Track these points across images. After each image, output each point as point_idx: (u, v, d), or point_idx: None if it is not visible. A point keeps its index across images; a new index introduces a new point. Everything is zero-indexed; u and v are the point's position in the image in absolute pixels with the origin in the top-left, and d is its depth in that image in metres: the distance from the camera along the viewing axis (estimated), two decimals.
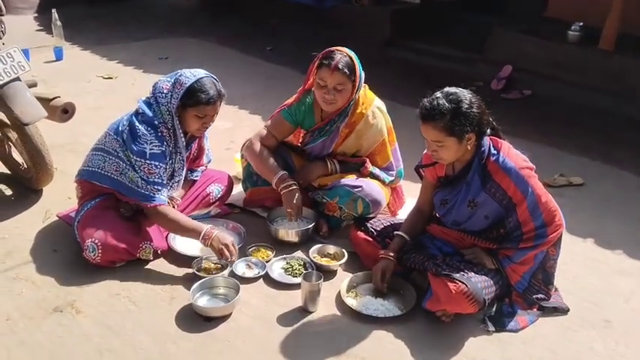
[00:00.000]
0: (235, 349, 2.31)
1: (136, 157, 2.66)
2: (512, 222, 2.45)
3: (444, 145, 2.37)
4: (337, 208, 3.00)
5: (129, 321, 2.43)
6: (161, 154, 2.71)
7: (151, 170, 2.68)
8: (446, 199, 2.63)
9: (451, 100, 2.34)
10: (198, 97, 2.66)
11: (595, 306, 2.65)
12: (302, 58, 6.26)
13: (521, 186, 2.38)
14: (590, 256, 3.05)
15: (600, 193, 3.71)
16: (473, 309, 2.35)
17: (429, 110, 2.34)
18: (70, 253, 2.82)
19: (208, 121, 2.77)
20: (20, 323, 2.41)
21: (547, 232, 2.42)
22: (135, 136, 2.68)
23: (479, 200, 2.48)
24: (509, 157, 2.41)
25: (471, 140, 2.39)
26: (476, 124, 2.36)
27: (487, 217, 2.51)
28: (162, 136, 2.72)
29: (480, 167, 2.45)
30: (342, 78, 2.81)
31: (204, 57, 6.29)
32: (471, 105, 2.34)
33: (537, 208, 2.40)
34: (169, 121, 2.72)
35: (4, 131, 3.26)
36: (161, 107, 2.71)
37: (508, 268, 2.50)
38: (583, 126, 4.79)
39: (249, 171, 3.21)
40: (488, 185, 2.43)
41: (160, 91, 2.72)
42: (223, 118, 4.65)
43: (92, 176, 2.81)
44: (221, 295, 2.59)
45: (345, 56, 2.84)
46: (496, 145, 2.44)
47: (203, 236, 2.68)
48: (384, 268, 2.59)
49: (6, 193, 3.42)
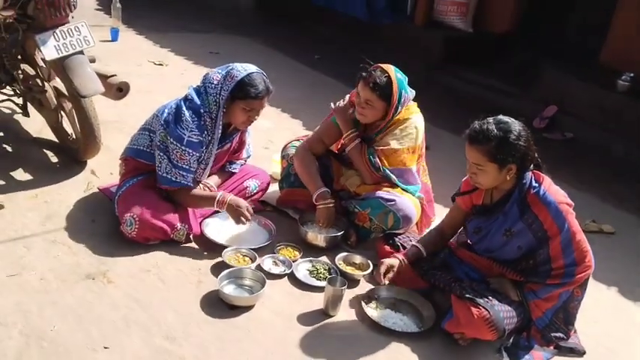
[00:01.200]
0: (254, 340, 2.37)
1: (172, 139, 2.77)
2: (542, 255, 2.47)
3: (484, 169, 2.42)
4: (368, 220, 3.05)
5: (156, 297, 2.52)
6: (198, 143, 2.80)
7: (182, 156, 2.78)
8: (480, 227, 2.66)
9: (501, 127, 2.38)
10: (247, 91, 2.76)
11: (611, 353, 2.65)
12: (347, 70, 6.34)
13: (558, 220, 2.40)
14: (612, 304, 3.04)
15: (630, 244, 3.69)
16: (492, 336, 2.38)
17: (477, 133, 2.40)
18: (107, 225, 2.93)
19: (254, 115, 2.86)
20: (53, 284, 2.51)
21: (575, 272, 2.44)
22: (178, 120, 2.78)
23: (515, 230, 2.51)
24: (550, 191, 2.44)
25: (511, 171, 2.43)
26: (520, 156, 2.40)
27: (520, 248, 2.53)
28: (205, 125, 2.82)
29: (519, 198, 2.48)
30: (371, 95, 2.90)
31: (253, 56, 6.36)
32: (519, 137, 2.38)
33: (570, 245, 2.42)
34: (214, 112, 2.81)
35: (59, 101, 3.39)
36: (209, 97, 2.81)
37: (532, 303, 2.52)
38: (621, 177, 4.75)
39: (288, 171, 3.29)
40: (526, 216, 2.46)
41: (210, 82, 2.82)
42: (265, 117, 4.74)
43: (138, 154, 2.92)
44: (247, 286, 2.66)
45: (383, 75, 2.91)
46: (538, 178, 2.48)
47: (217, 201, 2.82)
48: (390, 264, 2.65)
49: (52, 161, 3.55)
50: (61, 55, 2.98)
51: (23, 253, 2.67)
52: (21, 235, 2.79)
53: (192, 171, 2.84)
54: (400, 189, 3.07)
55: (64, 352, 2.16)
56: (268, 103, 5.03)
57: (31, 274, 2.54)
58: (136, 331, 2.31)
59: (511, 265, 2.58)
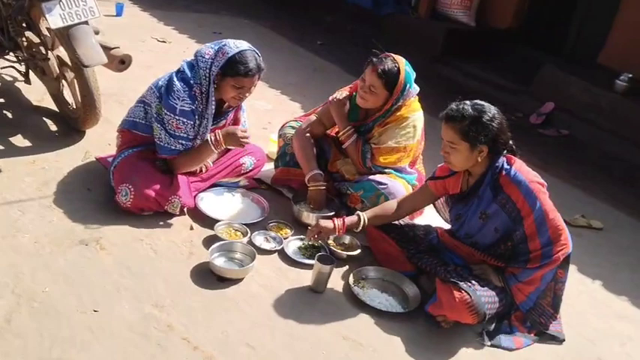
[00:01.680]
0: (241, 311, 2.42)
1: (166, 110, 2.81)
2: (519, 235, 2.52)
3: (457, 148, 2.48)
4: (360, 201, 3.09)
5: (148, 266, 2.56)
6: (190, 112, 2.83)
7: (178, 126, 2.82)
8: (459, 214, 2.72)
9: (476, 108, 2.46)
10: (237, 68, 2.78)
11: (591, 343, 2.71)
12: (349, 57, 6.39)
13: (529, 199, 2.46)
14: (595, 297, 3.10)
15: (617, 241, 3.74)
16: (472, 320, 2.43)
17: (453, 112, 2.48)
18: (102, 195, 2.97)
19: (244, 92, 2.88)
20: (47, 248, 2.55)
21: (553, 251, 2.48)
22: (170, 91, 2.81)
23: (490, 212, 2.56)
24: (521, 171, 2.50)
25: (482, 153, 2.48)
26: (491, 137, 2.46)
27: (497, 230, 2.58)
28: (195, 95, 2.84)
29: (492, 181, 2.54)
30: (376, 81, 2.93)
31: (255, 39, 6.35)
32: (492, 119, 2.45)
33: (544, 224, 2.47)
34: (205, 86, 2.84)
35: (62, 70, 3.41)
36: (200, 71, 2.83)
37: (514, 287, 2.57)
38: (613, 175, 4.80)
39: (284, 150, 3.33)
40: (499, 197, 2.52)
41: (201, 56, 2.84)
42: (264, 99, 4.82)
43: (134, 126, 2.96)
44: (237, 259, 2.71)
45: (393, 66, 2.94)
46: (509, 160, 2.53)
47: (212, 143, 2.88)
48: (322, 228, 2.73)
49: (51, 129, 3.58)
50: (66, 24, 3.00)
51: (18, 216, 2.71)
52: (17, 198, 2.83)
53: (190, 139, 2.88)
54: (393, 175, 3.12)
55: (54, 313, 2.21)
56: (268, 86, 5.16)
57: (25, 237, 2.58)
58: (126, 297, 2.36)
59: (491, 250, 2.63)
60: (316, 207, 3.11)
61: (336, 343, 2.37)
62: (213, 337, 2.26)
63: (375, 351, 2.37)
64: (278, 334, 2.34)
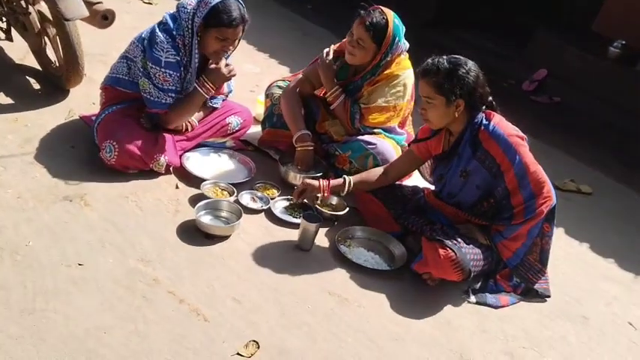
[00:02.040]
0: (227, 267, 2.41)
1: (151, 64, 2.75)
2: (500, 191, 2.51)
3: (433, 103, 2.46)
4: (348, 162, 3.07)
5: (133, 222, 2.54)
6: (176, 64, 2.77)
7: (165, 78, 2.77)
8: (442, 174, 2.71)
9: (451, 61, 2.44)
10: (220, 18, 2.70)
11: (576, 302, 2.73)
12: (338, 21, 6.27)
13: (508, 153, 2.44)
14: (582, 259, 3.12)
15: (605, 205, 3.76)
16: (457, 277, 2.44)
17: (428, 65, 2.46)
18: (87, 152, 2.92)
19: (228, 45, 2.81)
20: (30, 203, 2.51)
21: (536, 204, 2.47)
22: (153, 43, 2.75)
23: (470, 168, 2.55)
24: (499, 125, 2.48)
25: (459, 107, 2.46)
26: (467, 91, 2.43)
27: (478, 187, 2.57)
28: (178, 46, 2.78)
29: (471, 137, 2.53)
30: (363, 34, 2.87)
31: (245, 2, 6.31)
32: (468, 72, 2.42)
33: (525, 177, 2.46)
34: (188, 37, 2.77)
35: (44, 26, 3.32)
36: (182, 22, 2.76)
37: (500, 244, 2.58)
38: (604, 141, 4.80)
39: (271, 111, 3.28)
40: (479, 153, 2.51)
41: (183, 7, 2.77)
42: (253, 62, 4.76)
43: (117, 82, 2.91)
44: (223, 217, 2.69)
45: (382, 18, 2.88)
46: (488, 116, 2.51)
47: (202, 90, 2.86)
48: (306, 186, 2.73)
49: (34, 87, 3.51)
50: None
51: (0, 172, 2.66)
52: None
53: (178, 91, 2.83)
54: (382, 135, 3.09)
55: (38, 266, 2.18)
56: (256, 49, 5.07)
57: (8, 192, 2.54)
58: (111, 252, 2.34)
59: (474, 209, 2.63)
60: (304, 167, 3.08)
61: (322, 298, 2.37)
62: (199, 291, 2.25)
63: (361, 306, 2.37)
64: (264, 289, 2.34)
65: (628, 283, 2.98)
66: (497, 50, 6.11)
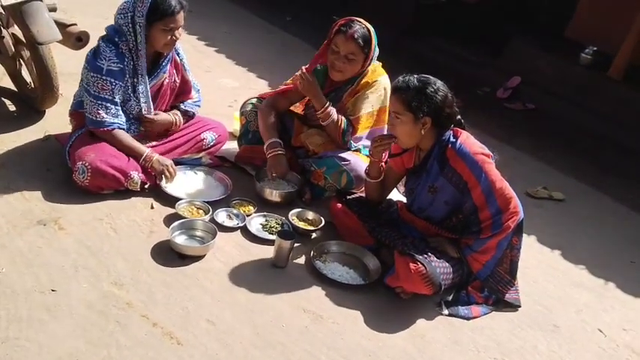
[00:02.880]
0: (202, 287, 2.44)
1: (92, 73, 2.80)
2: (468, 207, 2.57)
3: (401, 119, 2.54)
4: (323, 178, 3.10)
5: (107, 245, 2.55)
6: (119, 72, 2.82)
7: (104, 86, 2.80)
8: (412, 188, 2.78)
9: (420, 80, 2.53)
10: (162, 10, 2.77)
11: (547, 310, 2.78)
12: (318, 33, 6.33)
13: (474, 170, 2.51)
14: (553, 266, 3.17)
15: (578, 211, 3.82)
16: (428, 290, 2.48)
17: (399, 83, 2.55)
18: (63, 175, 2.93)
19: (174, 33, 2.86)
20: (4, 228, 2.52)
21: (502, 220, 2.53)
22: (96, 54, 2.82)
23: (437, 185, 2.62)
24: (465, 143, 2.55)
25: (426, 125, 2.53)
26: (434, 109, 2.51)
27: (447, 203, 2.64)
28: (122, 53, 2.83)
29: (439, 154, 2.59)
30: (355, 48, 2.91)
31: (224, 16, 6.37)
32: (436, 91, 2.51)
33: (492, 194, 2.52)
34: (132, 41, 2.82)
35: (18, 49, 3.35)
36: (122, 28, 2.82)
37: (469, 257, 2.62)
38: (577, 147, 4.89)
39: (247, 128, 3.32)
40: (445, 170, 2.58)
41: (120, 13, 2.83)
42: (231, 77, 4.79)
43: (81, 106, 2.95)
44: (198, 237, 2.71)
45: (363, 28, 2.93)
46: (456, 134, 2.58)
47: (144, 158, 2.88)
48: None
49: (9, 109, 3.52)
50: (18, 0, 2.93)
51: None
52: None
53: (114, 102, 2.84)
54: (361, 154, 3.12)
55: (11, 293, 2.20)
56: (235, 63, 5.11)
57: None
58: (85, 277, 2.36)
59: (444, 224, 2.69)
60: (277, 173, 3.08)
61: (297, 316, 2.40)
62: (173, 313, 2.27)
63: (335, 322, 2.41)
64: (238, 309, 2.37)
65: (598, 290, 3.04)
66: (472, 58, 6.19)
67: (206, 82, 4.54)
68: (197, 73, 4.63)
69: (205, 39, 5.54)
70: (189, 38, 5.49)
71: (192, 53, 5.14)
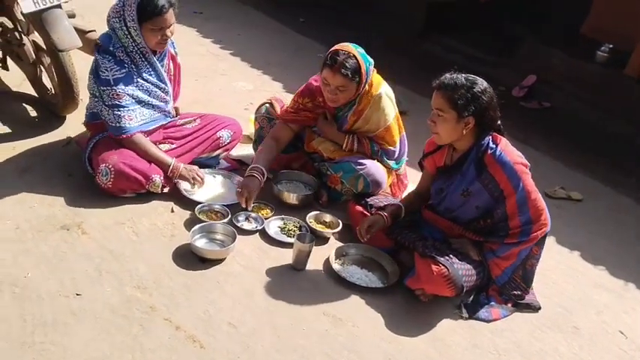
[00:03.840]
0: (223, 291, 2.46)
1: (102, 87, 2.83)
2: (499, 214, 2.57)
3: (444, 117, 2.51)
4: (339, 182, 3.11)
5: (129, 249, 2.59)
6: (126, 77, 2.86)
7: (118, 94, 2.84)
8: (441, 188, 2.75)
9: (468, 79, 2.50)
10: (149, 11, 2.78)
11: (567, 312, 2.77)
12: (331, 35, 6.35)
13: (513, 180, 2.50)
14: (572, 267, 3.16)
15: (596, 211, 3.80)
16: (450, 292, 2.49)
17: (446, 80, 2.51)
18: (84, 179, 2.98)
19: (165, 32, 2.86)
20: (28, 234, 2.57)
21: (532, 230, 2.54)
22: (97, 68, 2.85)
23: (472, 190, 2.60)
24: (506, 151, 2.53)
25: (468, 125, 2.51)
26: (479, 110, 2.48)
27: (478, 208, 2.63)
28: (121, 60, 2.86)
29: (476, 159, 2.57)
30: (343, 80, 2.86)
31: (237, 18, 6.39)
32: (483, 92, 2.48)
33: (525, 204, 2.52)
34: (130, 44, 2.85)
35: (38, 55, 3.39)
36: (117, 32, 2.85)
37: (491, 262, 2.63)
38: (592, 146, 4.84)
39: (260, 134, 3.35)
40: (483, 176, 2.56)
41: (112, 18, 2.86)
42: (246, 80, 4.81)
43: (94, 117, 3.01)
44: (218, 240, 2.74)
45: (349, 57, 2.86)
46: (495, 139, 2.56)
47: (172, 170, 2.90)
48: (372, 221, 2.74)
49: (31, 115, 3.58)
50: (38, 8, 2.97)
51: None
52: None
53: (130, 108, 2.87)
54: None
55: (37, 298, 2.24)
56: (250, 65, 5.14)
57: (7, 224, 2.60)
58: (108, 280, 2.39)
59: (470, 225, 2.68)
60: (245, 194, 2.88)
61: (317, 319, 2.42)
62: (195, 317, 2.30)
63: (355, 326, 2.42)
64: (259, 312, 2.39)
65: (619, 291, 3.02)
66: (486, 58, 6.14)
67: (222, 85, 4.62)
68: (213, 76, 4.74)
69: (219, 42, 5.57)
70: (204, 41, 5.53)
71: (208, 56, 5.21)
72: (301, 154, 3.31)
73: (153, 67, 2.96)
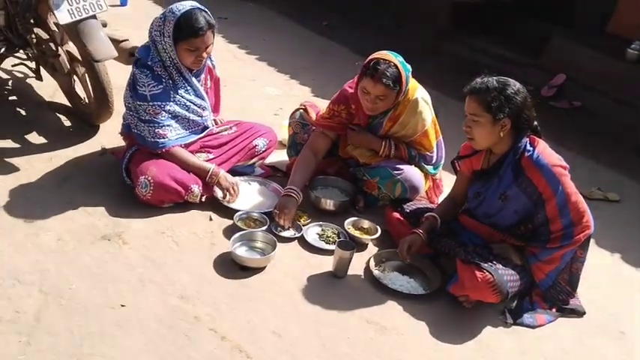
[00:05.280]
0: (265, 300, 2.46)
1: (139, 102, 2.83)
2: (540, 218, 2.53)
3: (479, 121, 2.48)
4: (376, 188, 3.09)
5: (170, 258, 2.59)
6: (162, 93, 2.84)
7: (155, 111, 2.83)
8: (479, 192, 2.72)
9: (500, 81, 2.48)
10: (186, 31, 2.76)
11: (612, 317, 2.72)
12: (356, 37, 6.35)
13: (552, 183, 2.46)
14: (614, 271, 3.10)
15: (635, 213, 3.73)
16: (495, 299, 2.45)
17: (477, 84, 2.50)
18: (122, 189, 2.99)
19: (201, 53, 2.84)
20: (70, 245, 2.58)
21: (574, 233, 2.50)
22: (135, 83, 2.84)
23: (510, 194, 2.57)
24: (543, 154, 2.50)
25: (505, 127, 2.48)
26: (514, 111, 2.45)
27: (516, 212, 2.59)
28: (159, 75, 2.85)
29: (514, 162, 2.54)
30: (384, 90, 2.83)
31: (261, 23, 6.40)
32: (517, 92, 2.45)
33: (566, 207, 2.49)
34: (167, 58, 2.85)
35: (72, 65, 3.42)
36: (157, 46, 2.84)
37: (534, 266, 2.59)
38: (626, 145, 4.77)
39: (294, 140, 3.35)
40: (520, 180, 2.53)
41: (154, 30, 2.86)
42: (274, 84, 4.82)
43: (128, 128, 3.01)
44: (258, 248, 2.73)
45: (390, 66, 2.83)
46: (533, 142, 2.53)
47: (210, 175, 2.90)
48: (411, 241, 2.70)
49: (65, 125, 3.61)
50: (74, 19, 3.00)
51: (40, 214, 2.74)
52: (37, 196, 2.86)
53: (165, 124, 2.87)
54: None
55: (83, 309, 2.25)
56: (276, 70, 5.14)
57: (48, 235, 2.62)
58: (152, 291, 2.40)
59: (511, 231, 2.65)
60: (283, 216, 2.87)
61: (361, 327, 2.40)
62: (240, 326, 2.29)
63: (400, 334, 2.40)
64: (302, 321, 2.38)
65: None
66: (513, 57, 6.08)
67: (251, 91, 4.63)
68: (241, 82, 4.75)
69: (245, 47, 5.58)
70: (230, 47, 5.55)
71: (234, 62, 5.22)
72: (336, 159, 3.30)
73: (189, 84, 2.96)
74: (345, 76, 3.25)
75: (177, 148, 2.91)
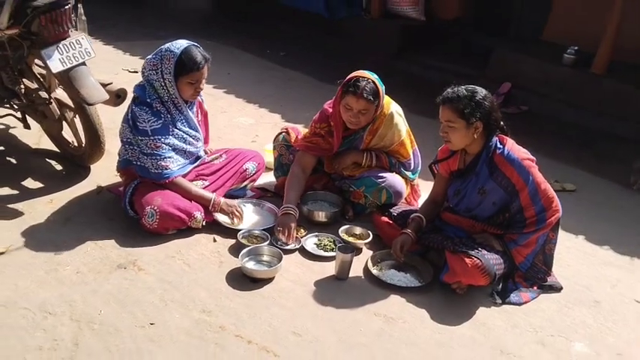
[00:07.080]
0: (280, 305, 2.67)
1: (140, 137, 3.04)
2: (515, 207, 2.86)
3: (454, 126, 2.79)
4: (363, 196, 3.36)
5: (185, 278, 2.78)
6: (162, 128, 3.07)
7: (157, 144, 3.05)
8: (458, 190, 3.03)
9: (468, 89, 2.79)
10: (188, 67, 3.03)
11: (586, 289, 3.05)
12: (314, 65, 6.69)
13: (523, 175, 2.80)
14: (581, 250, 3.45)
15: (590, 199, 4.12)
16: (485, 281, 2.74)
17: (449, 94, 2.80)
18: (125, 222, 3.16)
19: (199, 85, 3.13)
20: (90, 276, 2.74)
21: (546, 217, 2.83)
22: (135, 119, 3.06)
23: (487, 188, 2.88)
24: (513, 150, 2.83)
25: (478, 130, 2.80)
26: (485, 114, 2.77)
27: (495, 204, 2.91)
28: (158, 111, 3.08)
29: (487, 159, 2.86)
30: (366, 104, 3.13)
31: (223, 59, 6.62)
32: (485, 98, 2.78)
33: (537, 194, 2.81)
34: (165, 95, 3.08)
35: (62, 111, 3.58)
36: (154, 84, 3.08)
37: (514, 250, 2.90)
38: (574, 141, 5.22)
39: (280, 162, 3.60)
40: (495, 174, 2.85)
41: (150, 70, 3.09)
42: (246, 115, 5.06)
43: (129, 163, 3.19)
44: (265, 261, 2.95)
45: (369, 82, 3.14)
46: (502, 140, 2.86)
47: (213, 204, 3.13)
48: (402, 241, 2.97)
49: (57, 168, 3.75)
50: (66, 67, 3.17)
51: (54, 251, 2.88)
52: (46, 236, 3.00)
53: (167, 156, 3.08)
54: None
55: (115, 331, 2.41)
56: (245, 101, 5.38)
57: (67, 269, 2.77)
58: (175, 308, 2.58)
59: (490, 221, 2.96)
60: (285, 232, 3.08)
61: (370, 320, 2.64)
62: (262, 330, 2.50)
63: (405, 322, 2.65)
64: (317, 320, 2.60)
65: (627, 266, 3.31)
66: (461, 71, 6.52)
67: (225, 123, 4.85)
68: (215, 115, 4.95)
69: (212, 82, 5.80)
70: None
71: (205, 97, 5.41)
72: (322, 175, 3.56)
73: (185, 117, 3.18)
74: (309, 100, 3.52)
75: (179, 179, 3.12)
